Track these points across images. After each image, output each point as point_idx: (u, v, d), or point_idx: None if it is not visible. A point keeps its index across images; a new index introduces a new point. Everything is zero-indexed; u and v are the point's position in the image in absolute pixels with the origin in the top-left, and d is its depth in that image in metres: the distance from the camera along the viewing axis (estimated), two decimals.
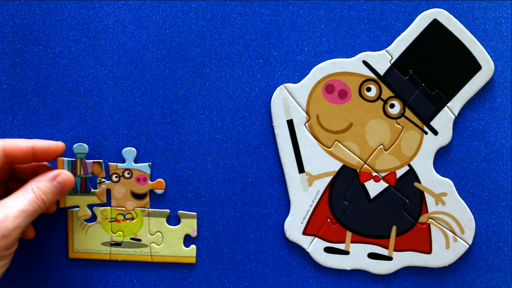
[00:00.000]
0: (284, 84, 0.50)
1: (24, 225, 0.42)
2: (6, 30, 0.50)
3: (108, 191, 0.51)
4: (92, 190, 0.51)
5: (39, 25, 0.50)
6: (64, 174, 0.46)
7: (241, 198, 0.52)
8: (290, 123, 0.50)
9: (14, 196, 0.43)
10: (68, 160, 0.50)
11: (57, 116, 0.51)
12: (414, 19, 0.49)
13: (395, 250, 0.51)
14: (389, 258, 0.51)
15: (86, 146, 0.50)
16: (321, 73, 0.50)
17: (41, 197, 0.44)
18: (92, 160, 0.50)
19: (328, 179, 0.51)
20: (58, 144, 0.47)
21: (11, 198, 0.43)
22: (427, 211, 0.51)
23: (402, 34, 0.49)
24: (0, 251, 0.41)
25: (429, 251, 0.51)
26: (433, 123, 0.50)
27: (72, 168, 0.50)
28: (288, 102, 0.50)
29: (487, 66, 0.49)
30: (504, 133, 0.51)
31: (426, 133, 0.50)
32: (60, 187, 0.46)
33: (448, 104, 0.50)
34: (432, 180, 0.51)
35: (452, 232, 0.51)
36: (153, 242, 0.52)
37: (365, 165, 0.51)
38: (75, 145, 0.50)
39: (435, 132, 0.50)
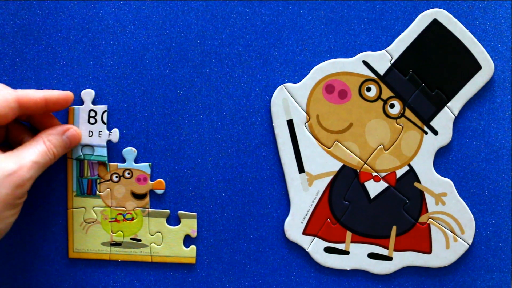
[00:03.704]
0: (284, 84, 0.50)
1: (36, 176, 0.44)
2: (6, 30, 0.50)
3: None
4: (98, 192, 0.51)
5: (39, 25, 0.50)
6: (73, 129, 0.48)
7: (241, 198, 0.52)
8: (290, 123, 0.50)
9: (26, 147, 0.45)
10: (76, 161, 0.50)
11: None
12: (414, 19, 0.49)
13: (395, 250, 0.51)
14: (389, 258, 0.51)
15: (93, 147, 0.50)
16: (321, 73, 0.50)
17: (52, 150, 0.46)
18: (98, 162, 0.50)
19: (328, 179, 0.51)
20: (68, 94, 0.48)
21: (24, 149, 0.45)
22: (427, 211, 0.51)
23: (402, 34, 0.49)
24: (14, 199, 0.43)
25: (429, 251, 0.51)
26: (433, 123, 0.50)
27: (80, 169, 0.50)
28: (288, 102, 0.50)
29: (487, 66, 0.49)
30: (504, 133, 0.51)
31: (426, 133, 0.50)
32: (68, 142, 0.48)
33: (448, 104, 0.50)
34: (432, 180, 0.51)
35: (452, 232, 0.51)
36: (153, 242, 0.52)
37: (365, 165, 0.51)
38: (82, 147, 0.50)
39: (435, 132, 0.50)
